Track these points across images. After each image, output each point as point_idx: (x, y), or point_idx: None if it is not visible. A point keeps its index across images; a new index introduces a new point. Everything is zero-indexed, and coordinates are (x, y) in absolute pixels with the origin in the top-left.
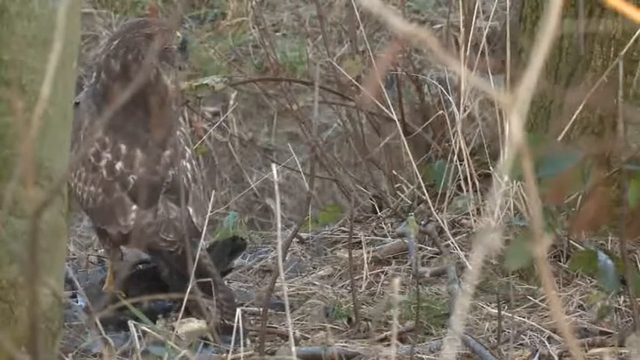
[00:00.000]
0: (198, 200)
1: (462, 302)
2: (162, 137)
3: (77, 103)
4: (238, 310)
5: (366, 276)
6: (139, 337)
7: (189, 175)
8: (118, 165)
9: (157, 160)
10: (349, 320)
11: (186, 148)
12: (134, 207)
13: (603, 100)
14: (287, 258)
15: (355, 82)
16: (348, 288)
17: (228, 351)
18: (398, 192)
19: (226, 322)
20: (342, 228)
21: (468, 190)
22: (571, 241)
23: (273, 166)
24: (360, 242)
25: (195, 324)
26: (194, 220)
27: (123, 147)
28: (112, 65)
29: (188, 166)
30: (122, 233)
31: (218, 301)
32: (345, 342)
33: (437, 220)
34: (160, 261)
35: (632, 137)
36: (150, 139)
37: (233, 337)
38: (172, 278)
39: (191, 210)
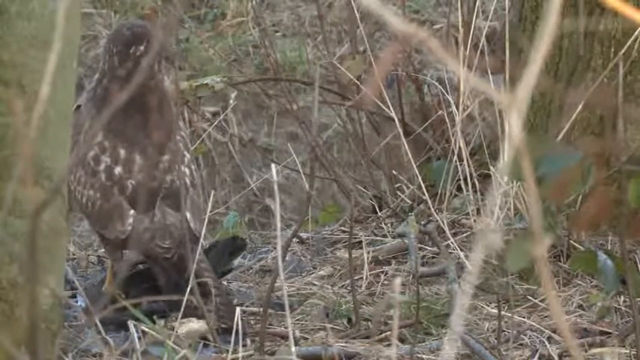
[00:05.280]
0: (196, 205)
1: (461, 302)
2: (162, 142)
3: (78, 106)
4: (238, 310)
5: (366, 276)
6: (139, 337)
7: (188, 181)
8: (117, 169)
9: (155, 165)
10: (349, 320)
11: (185, 152)
12: (132, 212)
13: (603, 100)
14: (287, 258)
15: (356, 82)
16: (348, 288)
17: (228, 351)
18: (398, 192)
19: (223, 326)
20: (342, 228)
21: (467, 190)
22: (571, 241)
23: (273, 166)
24: (360, 242)
25: (195, 324)
26: (192, 225)
27: (122, 151)
28: (117, 71)
29: (187, 171)
30: (119, 238)
31: (215, 305)
32: (345, 342)
33: (437, 220)
34: (156, 267)
35: (632, 137)
36: (149, 144)
37: (232, 338)
38: (168, 285)
39: (189, 215)
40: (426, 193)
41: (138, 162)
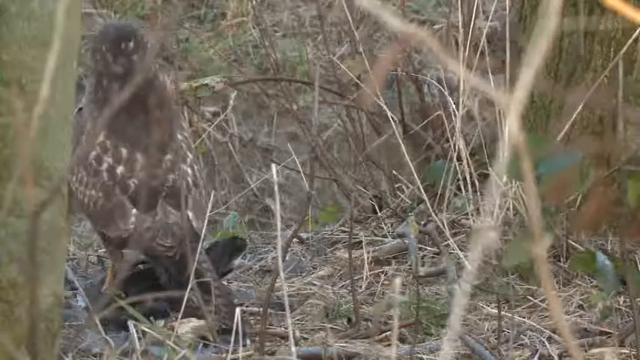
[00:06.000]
0: (199, 205)
1: (460, 302)
2: (164, 141)
3: (80, 109)
4: (237, 310)
5: (366, 276)
6: (139, 337)
7: (190, 180)
8: (119, 169)
9: (157, 164)
10: (349, 320)
11: (187, 152)
12: (134, 211)
13: (603, 100)
14: (287, 258)
15: (356, 81)
16: (348, 288)
17: (228, 351)
18: (398, 192)
19: (224, 327)
20: (342, 228)
21: (467, 190)
22: (570, 242)
23: (273, 166)
24: (360, 242)
25: (195, 324)
26: (194, 224)
27: (124, 151)
28: (113, 68)
29: (189, 170)
30: (122, 237)
31: (216, 306)
32: (345, 342)
33: (437, 220)
34: (158, 266)
35: (632, 137)
36: (151, 143)
37: (232, 338)
38: (170, 284)
39: (191, 214)
40: (424, 194)
41: (140, 161)
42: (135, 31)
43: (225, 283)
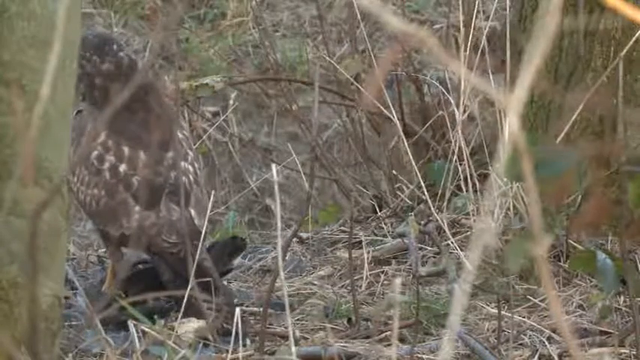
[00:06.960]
0: (201, 202)
1: (460, 302)
2: (165, 139)
3: (80, 111)
4: (238, 310)
5: (366, 276)
6: (139, 337)
7: (192, 178)
8: (122, 167)
9: (159, 161)
10: (349, 320)
11: (188, 150)
12: (137, 208)
13: (603, 100)
14: (287, 258)
15: (353, 81)
16: (348, 288)
17: (228, 351)
18: (398, 192)
19: (226, 326)
20: (342, 228)
21: (467, 190)
22: (570, 241)
23: (273, 166)
24: (360, 242)
25: (195, 324)
26: (196, 222)
27: (126, 149)
28: (105, 67)
29: (190, 168)
30: (125, 234)
31: (218, 305)
32: (345, 342)
33: (437, 220)
34: (162, 264)
35: (632, 137)
36: (152, 141)
37: (232, 338)
38: (175, 281)
39: (193, 212)
40: (426, 193)
41: (142, 158)
42: (114, 37)
43: (225, 282)
